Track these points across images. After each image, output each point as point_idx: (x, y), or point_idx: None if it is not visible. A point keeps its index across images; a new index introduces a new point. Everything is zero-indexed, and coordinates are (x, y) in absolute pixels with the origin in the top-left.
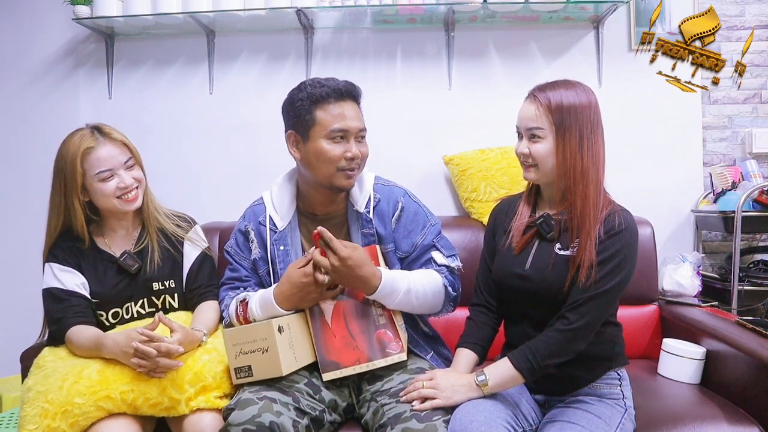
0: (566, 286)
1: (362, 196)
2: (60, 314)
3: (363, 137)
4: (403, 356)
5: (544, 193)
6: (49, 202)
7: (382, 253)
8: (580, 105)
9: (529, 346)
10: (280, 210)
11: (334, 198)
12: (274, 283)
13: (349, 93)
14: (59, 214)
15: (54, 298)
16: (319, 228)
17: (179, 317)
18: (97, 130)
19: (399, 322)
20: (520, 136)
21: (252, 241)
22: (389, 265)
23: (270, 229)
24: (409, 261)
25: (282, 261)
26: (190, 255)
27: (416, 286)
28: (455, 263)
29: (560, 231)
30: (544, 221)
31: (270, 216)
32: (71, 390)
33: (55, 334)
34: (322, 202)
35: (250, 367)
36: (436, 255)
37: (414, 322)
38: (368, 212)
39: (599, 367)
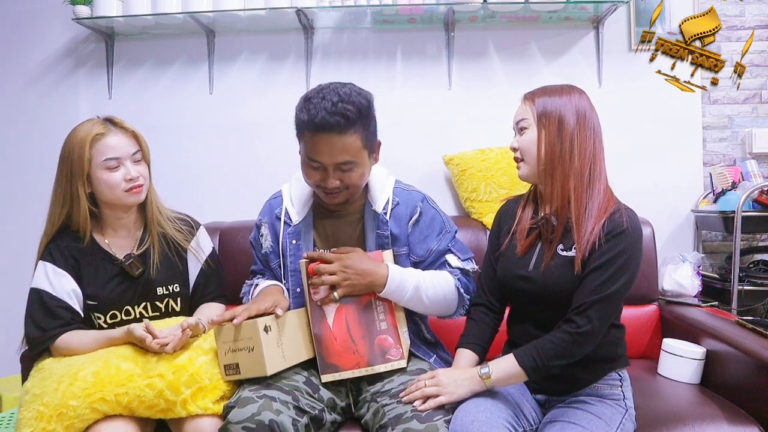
0: (570, 288)
1: (382, 197)
2: (43, 323)
3: (350, 168)
4: (403, 363)
5: (543, 193)
6: (52, 191)
7: (394, 256)
8: (563, 96)
9: (536, 345)
10: (297, 204)
11: None
12: (285, 276)
13: (324, 127)
14: (63, 202)
15: (41, 302)
16: (303, 258)
17: (180, 320)
18: (109, 120)
19: (402, 329)
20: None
21: (263, 235)
22: None
23: (285, 222)
24: (424, 266)
25: (293, 255)
26: (195, 263)
27: (426, 282)
28: (470, 266)
29: (563, 232)
30: (546, 222)
31: (286, 209)
32: (66, 392)
33: (34, 341)
34: None
35: (237, 365)
36: (451, 258)
37: (417, 328)
38: (385, 213)
39: (601, 368)
